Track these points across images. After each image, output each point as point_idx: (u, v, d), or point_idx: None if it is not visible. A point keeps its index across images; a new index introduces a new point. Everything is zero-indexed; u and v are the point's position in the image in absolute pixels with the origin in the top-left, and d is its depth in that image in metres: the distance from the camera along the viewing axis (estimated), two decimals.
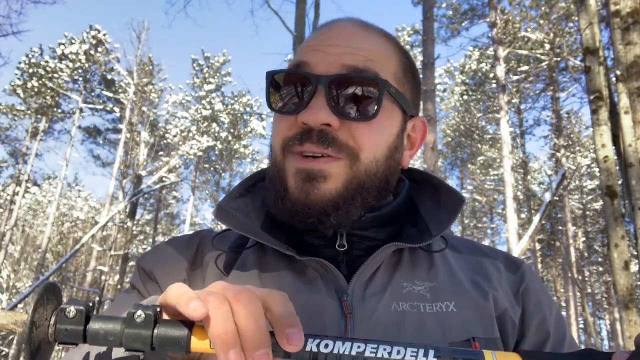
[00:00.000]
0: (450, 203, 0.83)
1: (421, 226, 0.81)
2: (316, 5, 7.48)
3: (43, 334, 0.48)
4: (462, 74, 23.80)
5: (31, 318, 0.47)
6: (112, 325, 0.48)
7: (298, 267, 0.75)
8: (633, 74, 4.50)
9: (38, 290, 0.49)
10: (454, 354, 0.51)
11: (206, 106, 26.30)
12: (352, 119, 0.73)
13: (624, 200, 5.89)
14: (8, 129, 23.79)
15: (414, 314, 0.71)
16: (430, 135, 6.93)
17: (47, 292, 0.49)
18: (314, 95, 0.72)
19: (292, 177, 0.73)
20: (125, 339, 0.47)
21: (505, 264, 0.86)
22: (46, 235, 19.48)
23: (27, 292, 11.13)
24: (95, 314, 0.49)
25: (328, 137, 0.72)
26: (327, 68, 0.74)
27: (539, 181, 25.98)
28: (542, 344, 0.79)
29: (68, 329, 0.48)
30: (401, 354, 0.50)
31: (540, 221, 8.64)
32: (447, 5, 17.42)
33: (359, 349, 0.50)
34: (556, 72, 18.59)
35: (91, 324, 0.48)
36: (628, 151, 4.67)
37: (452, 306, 0.74)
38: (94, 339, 0.48)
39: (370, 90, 0.74)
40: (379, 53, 0.78)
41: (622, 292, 4.66)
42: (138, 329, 0.47)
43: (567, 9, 15.12)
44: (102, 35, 22.89)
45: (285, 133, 0.75)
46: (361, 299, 0.72)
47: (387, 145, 0.77)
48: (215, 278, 0.75)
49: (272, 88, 0.79)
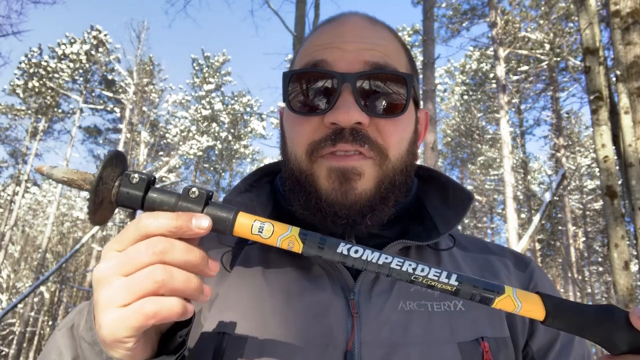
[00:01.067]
0: (458, 201, 0.81)
1: (429, 224, 0.80)
2: (316, 5, 7.48)
3: (107, 192, 0.52)
4: (463, 74, 23.79)
5: (99, 175, 0.51)
6: (168, 198, 0.52)
7: (303, 264, 0.74)
8: (633, 74, 4.50)
9: (108, 153, 0.53)
10: (475, 282, 0.52)
11: (206, 106, 26.29)
12: (381, 116, 0.71)
13: (624, 200, 5.89)
14: (8, 129, 23.79)
15: (422, 313, 0.70)
16: (430, 135, 6.93)
17: (116, 157, 0.53)
18: (341, 94, 0.69)
19: (325, 178, 0.71)
20: (177, 210, 0.51)
21: (513, 261, 0.84)
22: (46, 235, 19.46)
23: (27, 292, 11.13)
24: (154, 186, 0.53)
25: (362, 135, 0.70)
26: (349, 66, 0.72)
27: (539, 181, 25.97)
28: (552, 343, 0.78)
29: (130, 193, 0.52)
30: (425, 272, 0.52)
31: (540, 221, 8.64)
32: (447, 5, 17.41)
33: (386, 260, 0.52)
34: (556, 72, 18.58)
35: (150, 193, 0.52)
36: (628, 151, 4.66)
37: (460, 305, 0.72)
38: (150, 206, 0.52)
39: (397, 86, 0.72)
40: (392, 48, 0.77)
41: (622, 292, 4.65)
42: (190, 203, 0.52)
43: (567, 9, 15.11)
44: (102, 35, 22.89)
45: (310, 137, 0.72)
46: (368, 297, 0.70)
47: (408, 140, 0.76)
48: (216, 274, 0.74)
49: (291, 89, 0.75)
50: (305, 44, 0.81)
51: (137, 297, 0.48)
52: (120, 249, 0.51)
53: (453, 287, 0.52)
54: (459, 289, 0.52)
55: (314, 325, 0.67)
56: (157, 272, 0.48)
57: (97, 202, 0.51)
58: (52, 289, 24.83)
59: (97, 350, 0.52)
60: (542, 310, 0.52)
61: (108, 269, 0.50)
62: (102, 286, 0.49)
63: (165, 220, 0.50)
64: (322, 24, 0.83)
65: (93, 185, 0.51)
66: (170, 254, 0.49)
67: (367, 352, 0.65)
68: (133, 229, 0.50)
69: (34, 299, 22.93)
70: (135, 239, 0.50)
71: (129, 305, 0.48)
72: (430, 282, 0.52)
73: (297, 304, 0.69)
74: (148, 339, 0.53)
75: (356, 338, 0.66)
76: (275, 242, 0.53)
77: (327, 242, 0.53)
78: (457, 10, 17.76)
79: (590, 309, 0.52)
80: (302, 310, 0.69)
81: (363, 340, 0.66)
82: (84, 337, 0.54)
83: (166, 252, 0.49)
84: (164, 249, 0.49)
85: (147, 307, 0.47)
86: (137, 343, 0.50)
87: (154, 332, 0.55)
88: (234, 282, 0.74)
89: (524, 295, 0.52)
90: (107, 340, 0.50)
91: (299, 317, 0.68)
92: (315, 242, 0.53)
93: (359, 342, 0.66)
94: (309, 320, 0.68)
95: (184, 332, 0.57)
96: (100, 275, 0.50)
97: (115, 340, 0.49)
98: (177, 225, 0.50)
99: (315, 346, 0.66)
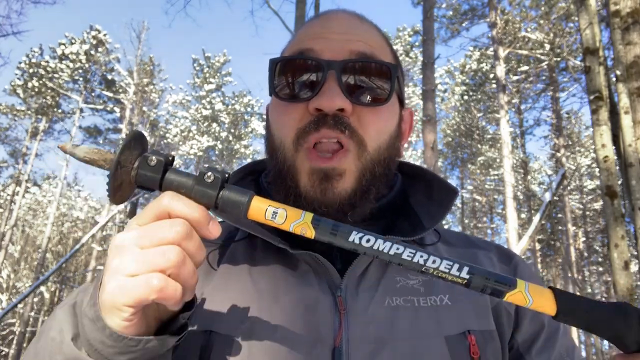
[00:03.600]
0: (443, 196, 0.82)
1: (414, 219, 0.80)
2: (316, 5, 7.47)
3: (126, 174, 0.54)
4: (462, 74, 23.79)
5: (118, 158, 0.52)
6: (185, 180, 0.53)
7: (290, 261, 0.74)
8: (633, 74, 4.50)
9: (127, 134, 0.55)
10: (487, 275, 0.52)
11: (206, 106, 26.30)
12: (363, 104, 0.72)
13: (624, 200, 5.89)
14: (8, 129, 23.78)
15: (408, 309, 0.71)
16: (430, 135, 6.93)
17: (135, 139, 0.55)
18: (326, 80, 0.71)
19: (306, 175, 0.72)
20: (194, 193, 0.53)
21: (498, 256, 0.86)
22: (46, 235, 19.47)
23: (27, 292, 11.13)
24: (172, 167, 0.55)
25: (343, 121, 0.71)
26: (335, 54, 0.73)
27: (539, 181, 25.97)
28: (536, 334, 0.79)
29: (148, 175, 0.53)
30: (436, 264, 0.52)
31: (540, 221, 8.64)
32: (447, 6, 17.42)
33: (398, 251, 0.52)
34: (556, 72, 18.59)
35: (168, 175, 0.54)
36: (628, 151, 4.67)
37: (446, 299, 0.73)
38: (167, 188, 0.53)
39: (382, 76, 0.74)
40: (376, 42, 0.79)
41: (622, 292, 4.65)
42: (206, 187, 0.53)
43: (567, 9, 15.11)
44: (102, 35, 22.90)
45: (296, 124, 0.73)
46: (355, 294, 0.71)
47: (389, 133, 0.76)
48: (202, 272, 0.73)
49: (277, 76, 0.76)
50: (294, 37, 0.83)
51: (147, 270, 0.49)
52: (142, 223, 0.52)
53: (464, 279, 0.52)
54: (471, 281, 0.52)
55: (301, 323, 0.67)
56: (172, 252, 0.49)
57: (116, 185, 0.53)
58: (52, 289, 24.83)
59: (99, 326, 0.52)
60: (554, 306, 0.51)
61: (127, 239, 0.51)
62: (117, 253, 0.51)
63: (188, 209, 0.52)
64: (310, 19, 0.87)
65: (112, 170, 0.52)
66: (187, 241, 0.51)
67: (354, 348, 0.66)
68: (157, 205, 0.52)
69: (34, 299, 22.93)
70: (156, 215, 0.52)
71: (137, 276, 0.49)
72: (441, 274, 0.52)
73: (284, 301, 0.69)
74: (145, 318, 0.53)
75: (344, 335, 0.67)
76: (288, 228, 0.54)
77: (340, 229, 0.53)
78: (457, 10, 17.77)
79: (603, 306, 0.51)
80: (290, 308, 0.69)
81: (351, 336, 0.67)
82: (86, 313, 0.53)
83: (185, 238, 0.51)
84: (185, 234, 0.51)
85: (154, 282, 0.48)
86: (134, 315, 0.50)
87: (153, 316, 0.56)
88: (220, 280, 0.73)
89: (535, 289, 0.52)
90: (106, 304, 0.50)
91: (286, 315, 0.68)
92: (328, 229, 0.53)
93: (347, 339, 0.66)
94: (297, 317, 0.68)
95: (186, 315, 0.58)
96: (118, 243, 0.51)
97: (114, 307, 0.50)
98: (197, 219, 0.52)
99: (303, 343, 0.65)
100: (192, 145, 23.43)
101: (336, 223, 0.54)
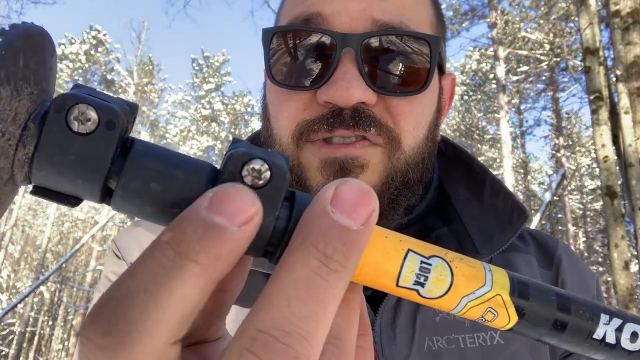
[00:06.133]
0: (499, 204, 0.61)
1: (456, 226, 0.62)
2: None
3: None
4: (463, 74, 23.80)
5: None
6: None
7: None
8: (633, 74, 4.50)
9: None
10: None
11: (206, 106, 26.31)
12: (393, 94, 0.53)
13: (624, 200, 5.89)
14: None
15: (453, 352, 0.55)
16: None
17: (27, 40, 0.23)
18: (340, 62, 0.51)
19: (317, 171, 0.53)
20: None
21: (537, 256, 0.65)
22: (46, 235, 19.47)
23: (27, 292, 11.12)
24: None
25: (366, 115, 0.52)
26: (352, 23, 0.52)
27: (539, 181, 25.98)
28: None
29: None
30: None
31: (540, 221, 8.64)
32: (447, 6, 17.42)
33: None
34: (556, 72, 18.60)
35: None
36: (628, 151, 4.66)
37: (497, 337, 0.57)
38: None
39: (418, 53, 0.53)
40: (410, 1, 0.57)
41: (622, 292, 4.65)
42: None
43: (567, 9, 15.11)
44: (102, 35, 22.91)
45: (299, 115, 0.54)
46: (392, 337, 0.55)
47: (428, 125, 0.58)
48: None
49: (273, 53, 0.56)
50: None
51: None
52: None
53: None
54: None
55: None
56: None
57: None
58: (52, 289, 24.82)
59: None
60: None
61: None
62: None
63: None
64: None
65: None
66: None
67: None
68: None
69: (34, 299, 22.92)
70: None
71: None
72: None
73: None
74: None
75: None
76: (451, 308, 0.23)
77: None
78: (457, 10, 17.77)
79: None
80: None
81: None
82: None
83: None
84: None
85: None
86: None
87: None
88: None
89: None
90: None
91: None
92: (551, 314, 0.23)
93: None
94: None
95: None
96: None
97: None
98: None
99: None
100: (191, 145, 23.42)
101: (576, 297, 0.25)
